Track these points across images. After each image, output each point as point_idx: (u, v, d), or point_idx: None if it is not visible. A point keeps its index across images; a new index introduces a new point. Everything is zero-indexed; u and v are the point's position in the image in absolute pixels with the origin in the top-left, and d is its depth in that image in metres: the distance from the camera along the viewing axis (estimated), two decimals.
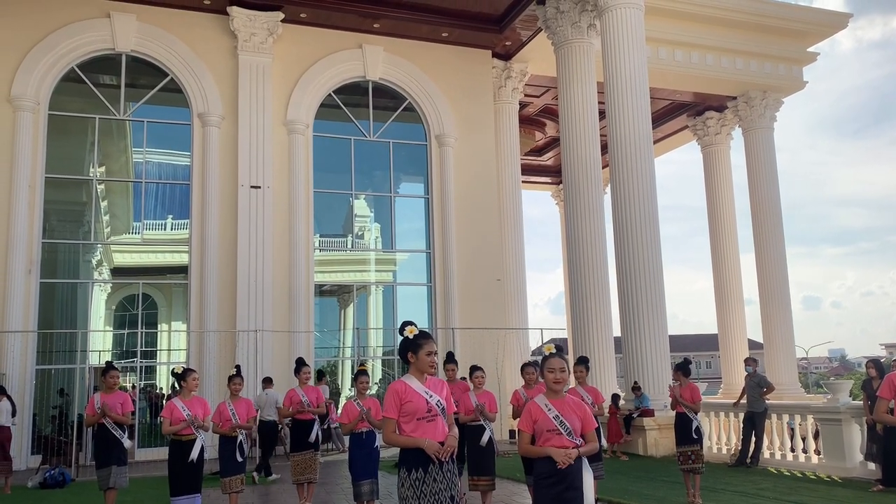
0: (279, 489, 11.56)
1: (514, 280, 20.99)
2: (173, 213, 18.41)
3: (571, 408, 4.80)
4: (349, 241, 20.47)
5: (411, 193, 20.99)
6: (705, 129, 24.54)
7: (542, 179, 31.28)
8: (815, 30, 21.59)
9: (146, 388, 19.38)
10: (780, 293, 22.08)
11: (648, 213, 15.56)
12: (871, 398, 10.40)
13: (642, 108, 15.93)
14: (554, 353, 4.98)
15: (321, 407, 9.27)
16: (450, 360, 9.68)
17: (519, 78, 21.50)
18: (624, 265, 15.56)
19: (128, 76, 17.90)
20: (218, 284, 17.33)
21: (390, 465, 12.59)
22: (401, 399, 4.59)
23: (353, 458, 8.09)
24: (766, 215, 22.39)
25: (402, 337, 4.73)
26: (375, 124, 19.88)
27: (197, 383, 7.82)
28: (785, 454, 12.80)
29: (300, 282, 18.09)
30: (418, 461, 4.51)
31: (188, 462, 7.49)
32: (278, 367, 17.00)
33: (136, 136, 18.14)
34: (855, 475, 11.16)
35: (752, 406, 13.07)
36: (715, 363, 58.37)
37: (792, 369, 22.14)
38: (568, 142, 17.94)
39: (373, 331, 20.51)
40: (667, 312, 15.66)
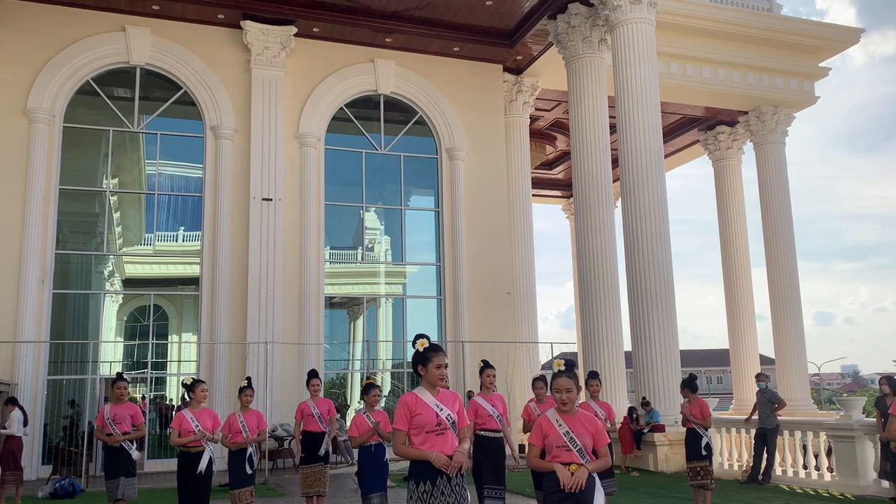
0: (288, 502, 11.53)
1: (524, 293, 20.96)
2: (185, 225, 18.52)
3: (583, 423, 4.77)
4: (359, 254, 20.52)
5: (422, 206, 21.04)
6: (716, 143, 24.50)
7: (552, 193, 31.29)
8: (827, 45, 21.57)
9: (156, 399, 19.43)
10: (791, 308, 21.94)
11: (659, 228, 15.52)
12: (884, 415, 10.30)
13: (653, 123, 15.93)
14: (562, 372, 4.86)
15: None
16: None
17: (530, 92, 21.57)
18: (635, 279, 15.51)
19: (142, 89, 18.07)
20: (229, 296, 17.39)
21: (399, 478, 12.57)
22: (411, 411, 4.59)
23: (363, 472, 8.07)
24: (778, 230, 22.29)
25: (414, 350, 4.74)
26: (387, 138, 19.97)
27: (205, 395, 7.84)
28: (797, 471, 12.68)
29: (311, 294, 18.13)
30: (426, 474, 4.51)
31: (197, 474, 7.50)
32: (288, 379, 17.03)
33: (150, 149, 18.29)
34: (868, 493, 11.05)
35: (764, 422, 12.97)
36: (726, 378, 57.95)
37: (804, 385, 21.96)
38: (578, 156, 17.96)
39: (382, 343, 20.51)
40: (678, 327, 15.59)
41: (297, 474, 9.42)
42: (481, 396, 7.87)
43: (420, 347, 4.71)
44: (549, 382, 4.95)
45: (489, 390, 7.91)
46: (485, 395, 7.87)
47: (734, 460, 13.98)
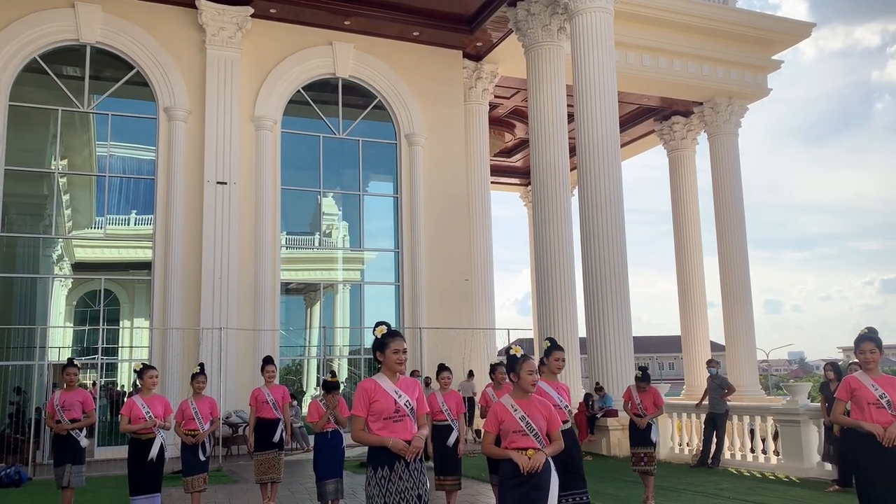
0: (243, 488, 11.44)
1: (481, 280, 21.06)
2: (137, 209, 18.13)
3: (538, 408, 4.82)
4: (316, 239, 20.35)
5: (380, 192, 20.93)
6: (672, 133, 24.86)
7: (510, 181, 31.43)
8: (780, 38, 22.00)
9: (107, 385, 19.05)
10: (742, 296, 22.44)
11: (615, 216, 15.71)
12: (828, 400, 10.63)
13: (610, 112, 16.08)
14: (527, 356, 4.96)
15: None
16: (508, 365, 9.44)
17: (489, 79, 21.58)
18: (590, 267, 15.69)
19: (92, 68, 17.58)
20: (182, 281, 17.11)
21: (356, 464, 12.55)
22: (370, 397, 4.58)
23: (318, 458, 8.07)
24: (730, 219, 22.75)
25: (374, 336, 4.73)
26: (345, 122, 19.79)
27: (154, 381, 7.69)
28: (745, 455, 13.01)
29: (266, 279, 17.94)
30: (384, 459, 4.50)
31: (148, 461, 7.38)
32: (243, 366, 16.85)
33: (100, 130, 17.82)
34: (812, 475, 11.40)
35: (714, 407, 13.26)
36: (678, 364, 59.18)
37: (753, 371, 22.52)
38: (537, 144, 18.05)
39: (339, 330, 20.41)
40: (631, 314, 15.84)
41: (252, 461, 9.33)
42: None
43: (379, 334, 4.69)
44: (512, 365, 4.94)
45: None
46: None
47: (685, 444, 14.28)
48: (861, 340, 5.58)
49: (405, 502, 4.47)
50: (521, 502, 4.64)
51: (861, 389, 5.48)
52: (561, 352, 6.64)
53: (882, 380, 5.51)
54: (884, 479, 5.28)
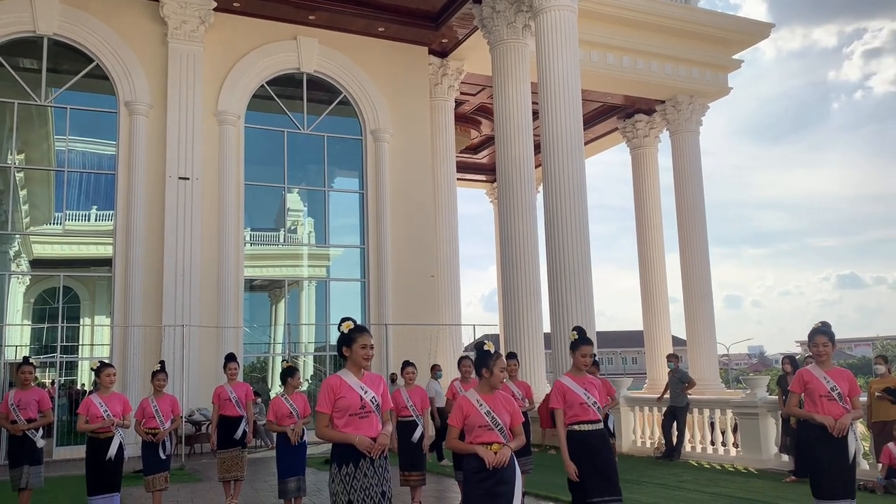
0: (205, 487, 11.34)
1: (447, 276, 21.10)
2: (98, 204, 17.81)
3: (502, 403, 4.87)
4: (281, 236, 20.20)
5: (346, 188, 20.85)
6: (634, 131, 25.13)
7: (476, 177, 31.49)
8: (740, 38, 22.37)
9: (66, 384, 18.70)
10: (702, 292, 22.78)
11: (579, 212, 15.86)
12: (785, 393, 10.88)
13: (574, 109, 16.21)
14: (499, 352, 5.00)
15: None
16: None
17: (455, 76, 21.60)
18: (554, 263, 15.82)
19: (50, 61, 17.21)
20: (143, 278, 16.86)
21: (320, 461, 12.51)
22: (334, 394, 4.57)
23: (280, 455, 8.05)
24: (691, 216, 23.07)
25: (340, 332, 4.72)
26: (309, 117, 19.66)
27: (112, 380, 7.56)
28: (705, 447, 13.26)
29: (229, 276, 17.76)
30: (349, 456, 4.50)
31: (106, 460, 7.27)
32: (206, 363, 16.68)
33: (59, 124, 17.46)
34: (770, 466, 11.66)
35: (675, 401, 13.49)
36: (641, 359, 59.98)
37: (713, 365, 22.89)
38: (502, 141, 18.13)
39: (305, 326, 20.30)
40: (595, 309, 16.00)
41: (215, 459, 9.26)
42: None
43: (346, 329, 4.69)
44: (484, 361, 4.96)
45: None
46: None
47: (646, 437, 14.50)
48: (814, 334, 5.73)
49: (369, 499, 4.48)
50: (486, 497, 4.67)
51: (813, 382, 5.63)
52: (589, 346, 5.84)
53: (834, 372, 5.66)
54: (834, 468, 5.44)
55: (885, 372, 10.48)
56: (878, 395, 10.05)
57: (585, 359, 5.74)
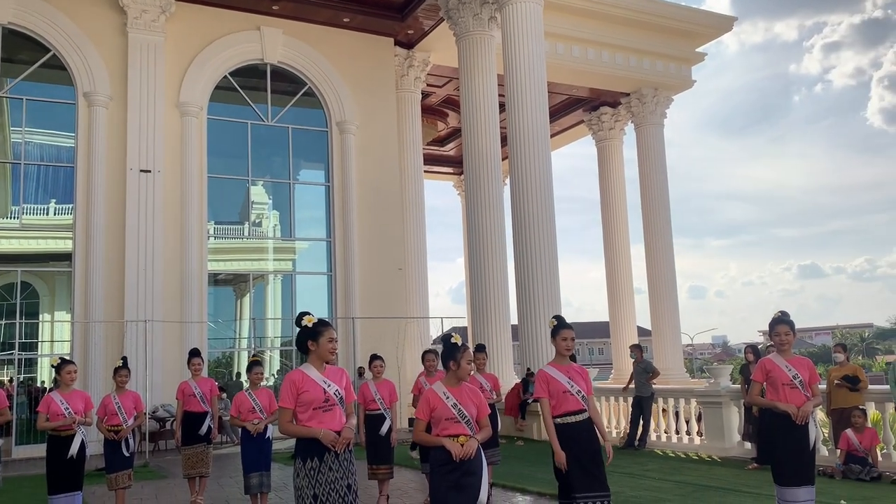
0: (170, 484, 11.18)
1: (415, 269, 21.06)
2: (56, 198, 17.42)
3: (469, 395, 4.87)
4: (246, 229, 19.97)
5: (311, 181, 20.67)
6: (600, 123, 25.31)
7: (444, 169, 31.47)
8: (703, 31, 22.63)
9: (26, 381, 18.31)
10: (667, 283, 23.07)
11: (545, 204, 15.92)
12: (748, 382, 11.05)
13: (540, 101, 16.26)
14: (466, 345, 4.98)
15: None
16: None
17: (421, 67, 21.51)
18: (521, 254, 15.88)
19: (5, 50, 16.74)
20: (105, 273, 16.54)
21: (286, 456, 12.41)
22: (297, 388, 4.53)
23: (244, 450, 7.98)
24: (656, 208, 23.32)
25: (300, 328, 4.67)
26: (274, 109, 19.44)
27: (73, 377, 7.40)
28: (671, 436, 13.44)
29: (193, 270, 17.52)
30: (314, 450, 4.47)
31: (67, 458, 7.12)
32: (169, 359, 16.45)
33: (15, 115, 17.02)
34: (733, 454, 11.86)
35: (640, 391, 13.64)
36: (607, 349, 60.57)
37: (678, 355, 23.22)
38: (469, 133, 18.12)
39: (270, 321, 20.11)
40: (561, 300, 16.11)
41: (180, 455, 9.13)
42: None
43: (308, 323, 4.64)
44: (452, 354, 4.94)
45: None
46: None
47: (612, 427, 14.65)
48: (776, 324, 5.81)
49: (335, 492, 4.45)
50: (453, 488, 4.67)
51: (776, 371, 5.71)
52: (570, 330, 5.60)
53: (795, 361, 5.75)
54: (795, 455, 5.53)
55: (843, 360, 10.71)
56: (837, 382, 10.25)
57: (567, 342, 5.54)
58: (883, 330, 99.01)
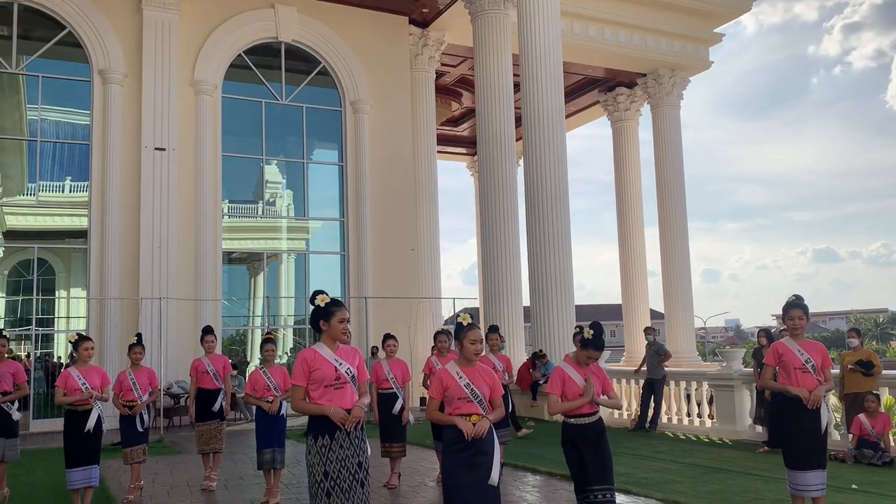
0: (184, 459, 11.32)
1: (427, 250, 21.07)
2: (72, 175, 17.52)
3: (482, 376, 4.88)
4: (260, 208, 20.03)
5: (325, 160, 20.67)
6: (615, 104, 25.10)
7: (457, 150, 31.36)
8: (721, 11, 22.33)
9: (43, 357, 18.54)
10: (681, 266, 22.96)
11: (559, 186, 15.85)
12: (760, 365, 11.01)
13: (555, 81, 16.14)
14: (473, 324, 4.99)
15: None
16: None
17: (436, 46, 21.38)
18: (534, 236, 15.85)
19: (21, 27, 16.78)
20: (120, 250, 16.67)
21: (299, 433, 12.52)
22: (309, 366, 4.57)
23: (258, 427, 8.06)
24: (671, 191, 23.17)
25: (314, 306, 4.70)
26: (288, 88, 19.40)
27: (90, 353, 7.48)
28: (682, 419, 13.45)
29: (207, 248, 17.62)
30: (325, 428, 4.52)
31: (84, 433, 7.21)
32: (184, 336, 16.58)
33: (31, 92, 17.08)
34: (744, 437, 11.86)
35: (652, 373, 13.64)
36: (619, 332, 60.54)
37: (690, 338, 23.16)
38: (483, 113, 18.02)
39: (284, 299, 20.22)
40: (574, 283, 16.08)
41: (193, 432, 9.24)
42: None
43: (321, 302, 4.67)
44: (457, 334, 4.97)
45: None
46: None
47: (623, 409, 14.67)
48: (789, 307, 5.78)
49: (346, 470, 4.50)
50: (464, 467, 4.70)
51: (788, 355, 5.69)
52: (599, 352, 5.60)
53: (808, 345, 5.72)
54: (806, 439, 5.52)
55: (857, 345, 10.65)
56: (850, 367, 10.21)
57: (591, 360, 5.56)
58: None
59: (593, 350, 5.55)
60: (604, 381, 5.61)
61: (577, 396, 5.45)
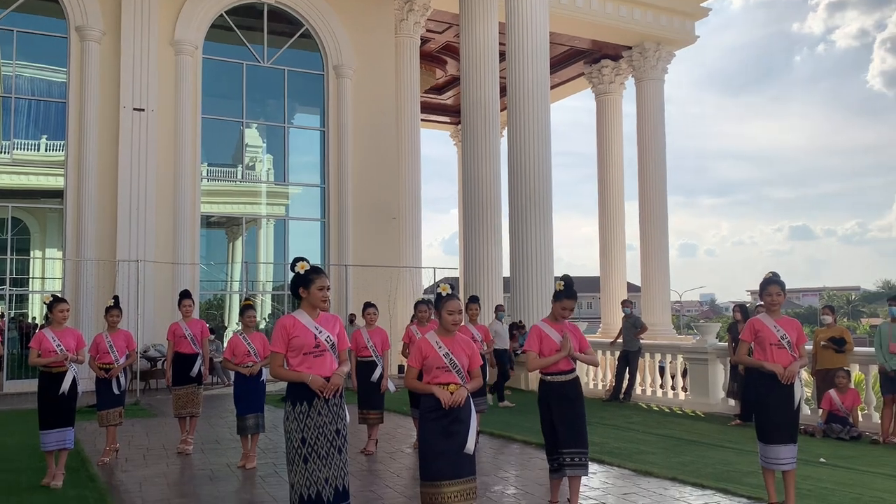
0: (160, 423, 11.31)
1: (409, 219, 20.98)
2: (48, 133, 17.20)
3: (461, 346, 4.90)
4: (239, 172, 19.81)
5: (306, 125, 20.44)
6: (600, 77, 25.00)
7: (441, 118, 31.14)
8: None
9: (17, 317, 18.36)
10: (659, 240, 23.12)
11: (542, 156, 15.82)
12: (735, 340, 11.17)
13: (541, 52, 16.03)
14: (452, 295, 5.02)
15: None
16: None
17: (421, 12, 21.08)
18: (516, 207, 15.85)
19: None
20: (97, 211, 16.45)
21: (277, 398, 12.54)
22: (288, 333, 4.55)
23: (238, 392, 8.05)
24: (652, 165, 23.22)
25: (294, 273, 4.67)
26: (270, 50, 19.09)
27: (65, 315, 7.37)
28: (655, 391, 13.63)
29: (186, 211, 17.43)
30: (303, 395, 4.52)
31: (59, 395, 7.15)
32: (161, 299, 16.47)
33: (5, 48, 16.66)
34: (717, 410, 12.05)
35: (628, 345, 13.79)
36: (595, 304, 61.07)
37: (666, 312, 23.41)
38: (468, 81, 17.88)
39: (263, 265, 20.12)
40: (554, 255, 16.14)
41: (170, 395, 9.21)
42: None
43: (301, 270, 4.64)
44: (437, 304, 4.99)
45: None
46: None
47: (598, 380, 14.85)
48: (767, 284, 5.83)
49: (323, 437, 4.50)
50: (440, 435, 4.73)
51: (764, 331, 5.75)
52: (572, 300, 5.72)
53: (784, 321, 5.79)
54: (779, 414, 5.61)
55: (831, 322, 10.80)
56: (823, 343, 10.37)
57: (566, 311, 5.70)
58: (869, 293, 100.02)
59: (567, 300, 5.68)
60: (580, 339, 5.76)
61: (555, 353, 5.48)
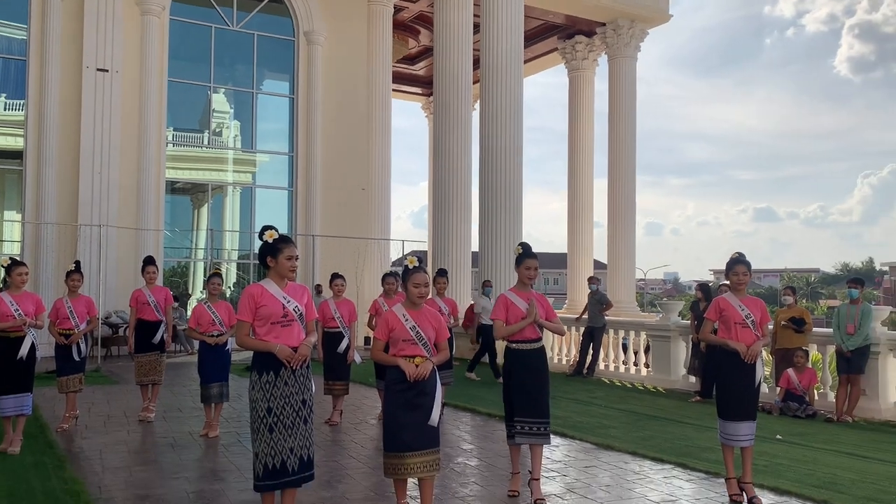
0: (122, 390, 11.17)
1: (378, 190, 20.85)
2: (6, 92, 16.70)
3: (427, 319, 4.91)
4: (206, 138, 19.45)
5: (275, 91, 20.10)
6: (574, 53, 24.91)
7: (413, 89, 30.82)
8: None
9: None
10: (626, 218, 23.24)
11: (513, 131, 15.78)
12: (697, 318, 11.35)
13: (516, 25, 15.91)
14: (419, 268, 5.01)
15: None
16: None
17: None
18: (487, 182, 15.81)
19: None
20: (58, 173, 16.05)
21: (241, 368, 12.46)
22: (255, 302, 4.51)
23: (203, 361, 7.98)
24: (622, 143, 23.27)
25: (262, 241, 4.60)
26: (239, 14, 18.68)
27: (24, 279, 7.19)
28: (618, 367, 13.82)
29: (150, 176, 17.10)
30: (270, 365, 4.48)
31: (17, 360, 7.00)
32: (125, 265, 16.21)
33: None
34: (678, 387, 12.26)
35: (593, 321, 13.93)
36: (561, 280, 61.63)
37: (631, 289, 23.64)
38: (440, 52, 17.70)
39: (228, 233, 19.86)
40: (523, 230, 16.17)
41: (132, 362, 9.09)
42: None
43: (269, 238, 4.57)
44: (404, 277, 4.98)
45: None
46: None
47: (563, 355, 15.00)
48: (733, 264, 5.90)
49: (289, 407, 4.48)
50: (405, 407, 4.75)
51: (729, 310, 5.83)
52: (533, 260, 5.71)
53: (748, 301, 5.87)
54: (741, 392, 5.72)
55: (792, 303, 11.02)
56: (783, 324, 10.58)
57: (529, 272, 5.70)
58: (828, 276, 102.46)
59: (528, 259, 5.69)
60: (547, 308, 5.78)
61: (521, 320, 5.56)
